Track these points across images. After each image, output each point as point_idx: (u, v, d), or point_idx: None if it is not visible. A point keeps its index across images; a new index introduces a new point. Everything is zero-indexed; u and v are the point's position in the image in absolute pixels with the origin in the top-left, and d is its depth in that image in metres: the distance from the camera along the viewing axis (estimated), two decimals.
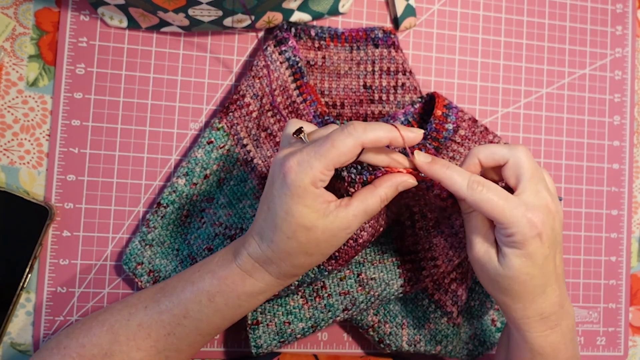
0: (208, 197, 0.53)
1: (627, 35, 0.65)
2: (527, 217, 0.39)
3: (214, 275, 0.43)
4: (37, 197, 0.53)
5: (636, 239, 0.65)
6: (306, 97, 0.53)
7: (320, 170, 0.38)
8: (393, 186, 0.41)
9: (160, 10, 0.50)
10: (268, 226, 0.41)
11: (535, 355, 0.44)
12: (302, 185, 0.38)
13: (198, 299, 0.43)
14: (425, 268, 0.50)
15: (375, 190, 0.41)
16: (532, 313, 0.43)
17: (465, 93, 0.61)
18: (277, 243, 0.41)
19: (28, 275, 0.51)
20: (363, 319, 0.53)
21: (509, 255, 0.41)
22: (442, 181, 0.41)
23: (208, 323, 0.44)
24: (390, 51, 0.56)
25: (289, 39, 0.53)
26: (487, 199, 0.40)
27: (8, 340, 0.52)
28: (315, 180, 0.38)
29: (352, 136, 0.38)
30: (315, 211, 0.39)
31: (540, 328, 0.43)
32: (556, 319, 0.43)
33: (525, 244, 0.40)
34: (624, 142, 0.64)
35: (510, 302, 0.43)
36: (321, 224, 0.40)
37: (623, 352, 0.63)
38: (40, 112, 0.53)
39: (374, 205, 0.41)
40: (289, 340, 0.51)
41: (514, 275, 0.41)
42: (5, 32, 0.53)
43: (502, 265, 0.41)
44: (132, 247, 0.52)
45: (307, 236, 0.40)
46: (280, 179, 0.39)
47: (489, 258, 0.42)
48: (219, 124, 0.54)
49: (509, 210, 0.39)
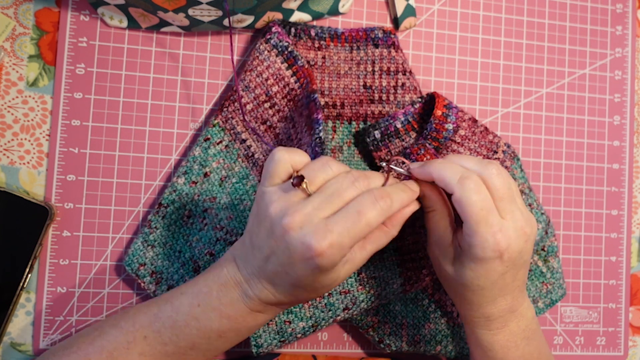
0: (210, 197, 0.53)
1: (627, 35, 0.65)
2: (496, 237, 0.39)
3: (221, 314, 0.41)
4: (37, 197, 0.53)
5: (636, 239, 0.65)
6: (303, 82, 0.52)
7: (351, 246, 0.37)
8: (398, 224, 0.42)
9: (160, 10, 0.50)
10: (281, 280, 0.39)
11: (486, 352, 0.44)
12: (334, 264, 0.37)
13: (207, 335, 0.42)
14: (425, 267, 0.50)
15: (389, 232, 0.42)
16: (478, 315, 0.43)
17: (465, 93, 0.61)
18: (288, 290, 0.40)
19: (28, 275, 0.51)
20: (363, 319, 0.53)
21: (464, 265, 0.41)
22: (434, 179, 0.40)
23: (215, 351, 0.43)
24: (390, 51, 0.56)
25: (273, 26, 0.53)
26: (474, 201, 0.39)
27: (8, 340, 0.52)
28: (345, 254, 0.37)
29: (381, 209, 0.37)
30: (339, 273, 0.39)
31: (487, 327, 0.44)
32: (503, 321, 0.43)
33: (483, 260, 0.40)
34: (624, 142, 0.64)
35: (459, 301, 0.44)
36: (342, 274, 0.40)
37: (623, 352, 0.63)
38: (40, 112, 0.53)
39: (384, 241, 0.42)
40: (290, 339, 0.51)
41: (465, 284, 0.42)
42: (5, 32, 0.53)
43: (455, 270, 0.42)
44: (135, 248, 0.52)
45: (316, 285, 0.39)
46: (306, 259, 0.36)
47: (444, 260, 0.43)
48: (215, 120, 0.54)
49: (483, 223, 0.39)
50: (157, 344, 0.42)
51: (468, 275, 0.41)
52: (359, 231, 0.36)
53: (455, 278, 0.42)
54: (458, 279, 0.42)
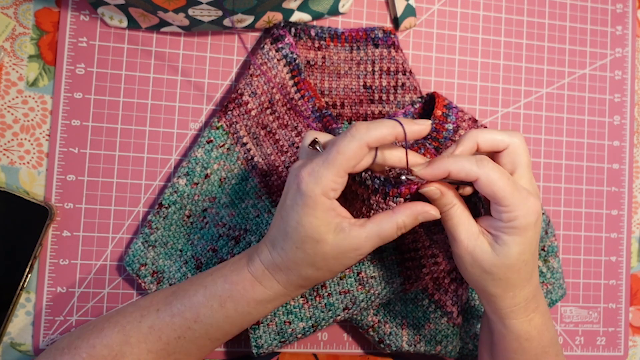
0: (210, 197, 0.53)
1: (627, 35, 0.65)
2: (530, 201, 0.39)
3: (226, 279, 0.44)
4: (37, 197, 0.53)
5: (636, 239, 0.65)
6: (304, 94, 0.53)
7: (330, 179, 0.38)
8: (413, 215, 0.40)
9: (160, 10, 0.50)
10: (280, 234, 0.41)
11: (522, 342, 0.43)
12: (313, 196, 0.38)
13: (210, 303, 0.43)
14: (425, 265, 0.50)
15: (392, 216, 0.40)
16: (520, 300, 0.42)
17: (465, 93, 0.61)
18: (286, 251, 0.41)
19: (28, 275, 0.51)
20: (363, 319, 0.53)
21: (508, 243, 0.40)
22: (452, 173, 0.39)
23: (217, 328, 0.44)
24: (390, 51, 0.56)
25: (286, 36, 0.53)
26: (498, 177, 0.39)
27: (8, 340, 0.52)
28: (326, 190, 0.38)
29: (355, 138, 0.38)
30: (326, 224, 0.39)
31: (526, 313, 0.43)
32: (536, 301, 0.43)
33: (526, 229, 0.39)
34: (624, 142, 0.64)
35: (502, 292, 0.42)
36: (331, 239, 0.40)
37: (623, 352, 0.63)
38: (40, 112, 0.53)
39: (389, 231, 0.40)
40: (290, 340, 0.51)
41: (511, 264, 0.40)
42: (5, 32, 0.53)
43: (498, 254, 0.40)
44: (135, 249, 0.52)
45: (315, 249, 0.40)
46: (293, 189, 0.39)
47: (482, 250, 0.41)
48: (218, 123, 0.54)
49: (516, 192, 0.39)
50: (167, 315, 0.44)
51: (515, 252, 0.40)
52: (333, 158, 0.38)
53: (499, 263, 0.40)
54: (504, 262, 0.40)
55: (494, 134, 0.42)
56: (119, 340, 0.43)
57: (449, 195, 0.41)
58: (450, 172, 0.39)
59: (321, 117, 0.52)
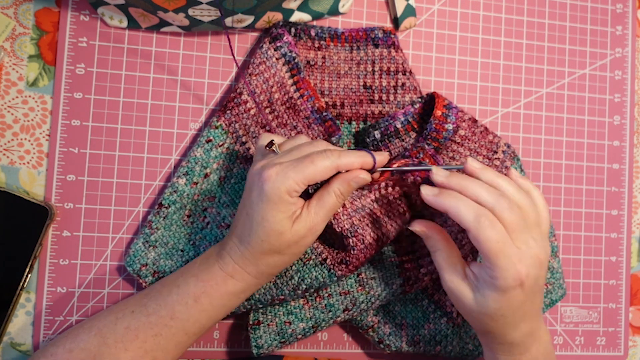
0: (209, 196, 0.53)
1: (627, 35, 0.65)
2: (516, 267, 0.40)
3: (197, 278, 0.46)
4: (37, 197, 0.53)
5: (636, 239, 0.65)
6: (303, 93, 0.53)
7: (295, 181, 0.41)
8: (345, 181, 0.44)
9: (160, 10, 0.50)
10: (246, 230, 0.44)
11: None
12: (278, 193, 0.41)
13: (184, 300, 0.45)
14: (422, 265, 0.50)
15: (329, 187, 0.44)
16: (501, 341, 0.44)
17: (465, 93, 0.61)
18: (253, 245, 0.44)
19: (28, 275, 0.51)
20: (363, 320, 0.53)
21: (486, 296, 0.42)
22: (448, 212, 0.41)
23: (194, 322, 0.45)
24: (390, 51, 0.56)
25: (284, 34, 0.53)
26: (489, 237, 0.40)
27: (8, 340, 0.52)
28: (291, 190, 0.41)
29: (329, 159, 0.42)
30: (288, 217, 0.42)
31: (510, 352, 0.45)
32: (524, 346, 0.45)
33: (506, 291, 0.41)
34: (624, 142, 0.64)
35: (482, 330, 0.45)
36: (291, 228, 0.43)
37: (623, 352, 0.63)
38: (40, 112, 0.53)
39: (330, 200, 0.44)
40: (290, 340, 0.51)
41: (489, 314, 0.42)
42: (5, 32, 0.53)
43: (477, 302, 0.43)
44: (136, 249, 0.52)
45: (279, 239, 0.43)
46: (258, 187, 0.42)
47: (461, 292, 0.43)
48: (217, 122, 0.54)
49: (502, 256, 0.40)
50: (142, 315, 0.45)
51: (491, 307, 0.42)
52: (304, 167, 0.41)
53: (478, 309, 0.43)
54: (481, 310, 0.43)
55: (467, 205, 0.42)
56: (97, 342, 0.44)
57: (433, 238, 0.45)
58: (449, 213, 0.41)
59: (323, 120, 0.52)
